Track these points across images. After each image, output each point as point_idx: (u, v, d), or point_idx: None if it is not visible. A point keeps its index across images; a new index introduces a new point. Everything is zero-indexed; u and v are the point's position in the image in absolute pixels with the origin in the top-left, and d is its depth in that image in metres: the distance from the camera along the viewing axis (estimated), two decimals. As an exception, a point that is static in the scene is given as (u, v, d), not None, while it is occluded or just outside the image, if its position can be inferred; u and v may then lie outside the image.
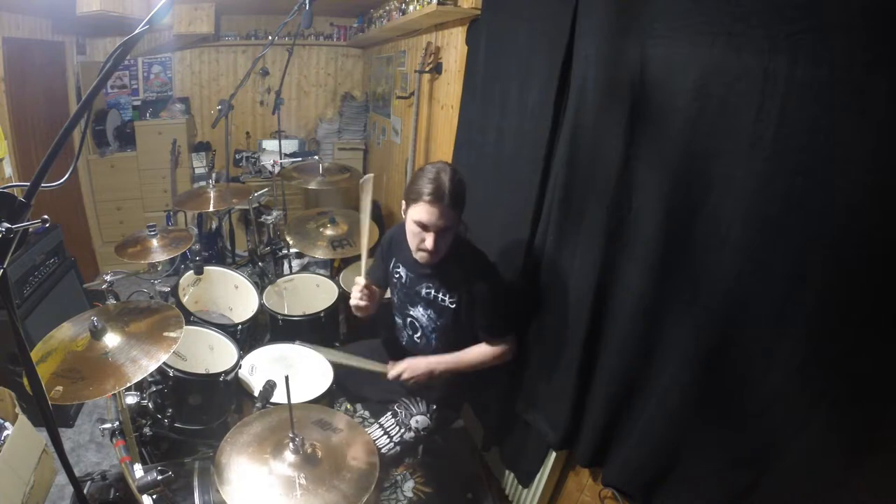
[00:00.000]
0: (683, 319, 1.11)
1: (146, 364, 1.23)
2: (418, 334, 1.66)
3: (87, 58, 3.66)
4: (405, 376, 1.53)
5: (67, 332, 1.37)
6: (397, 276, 1.64)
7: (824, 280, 0.86)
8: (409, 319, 1.66)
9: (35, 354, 1.29)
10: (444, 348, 1.61)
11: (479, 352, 1.57)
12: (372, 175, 1.64)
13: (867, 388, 0.83)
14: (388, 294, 1.81)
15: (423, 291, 1.56)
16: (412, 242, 1.45)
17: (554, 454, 1.63)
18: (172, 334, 1.34)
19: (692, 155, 1.04)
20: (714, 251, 1.03)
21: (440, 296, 1.53)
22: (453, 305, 1.52)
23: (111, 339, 1.31)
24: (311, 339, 2.03)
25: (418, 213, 1.37)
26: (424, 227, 1.38)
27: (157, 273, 3.04)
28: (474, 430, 2.22)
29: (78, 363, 1.25)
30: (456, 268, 1.50)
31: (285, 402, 1.16)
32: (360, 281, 1.59)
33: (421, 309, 1.60)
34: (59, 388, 1.15)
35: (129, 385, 1.21)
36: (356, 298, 1.57)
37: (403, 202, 1.45)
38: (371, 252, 2.35)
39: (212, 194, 2.48)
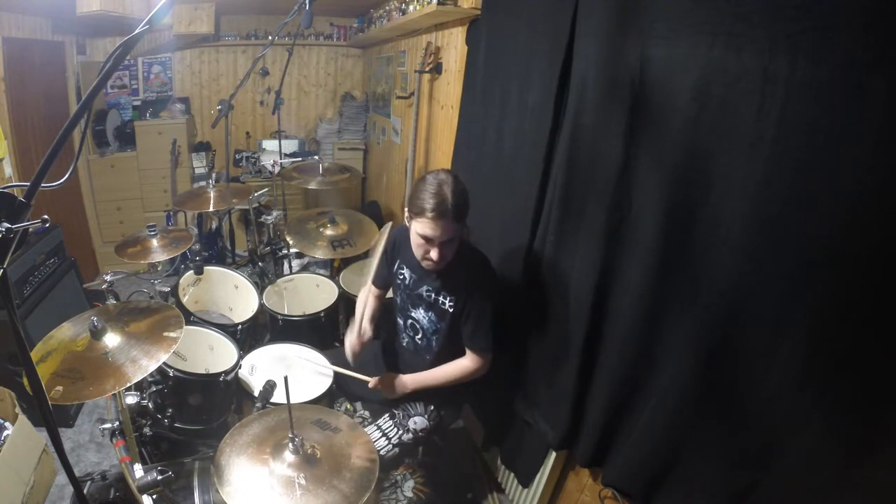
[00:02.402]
0: (683, 319, 1.11)
1: (146, 364, 1.23)
2: (419, 336, 1.66)
3: (87, 58, 3.65)
4: (379, 386, 1.58)
5: (67, 332, 1.37)
6: (401, 277, 1.64)
7: (824, 280, 0.86)
8: (409, 321, 1.66)
9: (35, 354, 1.29)
10: (442, 351, 1.61)
11: (453, 368, 1.57)
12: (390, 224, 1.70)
13: (867, 387, 0.83)
14: (389, 294, 1.82)
15: (425, 293, 1.56)
16: (417, 252, 1.45)
17: (554, 454, 1.63)
18: (172, 334, 1.34)
19: (692, 155, 1.04)
20: (714, 251, 1.03)
21: (440, 298, 1.53)
22: (452, 309, 1.52)
23: (111, 339, 1.31)
24: (310, 340, 2.03)
25: (423, 228, 1.36)
26: (429, 240, 1.38)
27: (157, 273, 3.04)
28: (474, 430, 2.22)
29: (78, 363, 1.25)
30: (458, 271, 1.50)
31: (287, 401, 1.16)
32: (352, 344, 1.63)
33: (422, 311, 1.60)
34: (59, 388, 1.15)
35: (129, 385, 1.21)
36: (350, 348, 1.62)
37: (406, 211, 1.44)
38: (370, 254, 2.37)
39: (212, 194, 2.48)
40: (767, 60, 0.88)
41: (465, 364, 1.56)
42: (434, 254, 1.39)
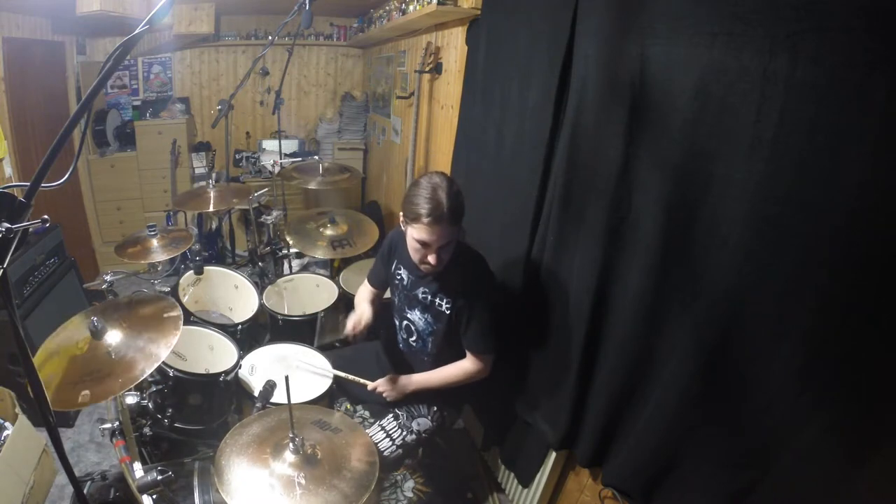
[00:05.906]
0: (683, 319, 1.11)
1: (155, 351, 1.24)
2: (414, 337, 1.66)
3: (87, 58, 3.65)
4: (380, 389, 1.58)
5: (67, 336, 1.36)
6: (398, 278, 1.64)
7: (824, 280, 0.86)
8: (405, 322, 1.66)
9: (42, 366, 1.27)
10: (438, 352, 1.61)
11: (455, 370, 1.57)
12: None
13: (868, 387, 0.83)
14: (387, 294, 1.82)
15: (421, 295, 1.56)
16: (415, 257, 1.45)
17: (554, 454, 1.63)
18: (173, 314, 1.36)
19: (692, 155, 1.04)
20: (714, 251, 1.03)
21: (437, 300, 1.53)
22: (448, 311, 1.52)
23: (113, 337, 1.31)
24: (311, 340, 2.03)
25: (419, 234, 1.36)
26: (427, 245, 1.38)
27: (157, 273, 3.04)
28: (474, 430, 2.22)
29: (91, 365, 1.24)
30: (454, 273, 1.50)
31: (286, 401, 1.16)
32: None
33: (418, 312, 1.60)
34: (86, 392, 1.14)
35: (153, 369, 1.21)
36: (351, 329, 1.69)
37: (402, 215, 1.43)
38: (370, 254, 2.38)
39: (212, 194, 2.48)
40: (767, 60, 0.88)
41: (466, 366, 1.56)
42: (432, 258, 1.39)
